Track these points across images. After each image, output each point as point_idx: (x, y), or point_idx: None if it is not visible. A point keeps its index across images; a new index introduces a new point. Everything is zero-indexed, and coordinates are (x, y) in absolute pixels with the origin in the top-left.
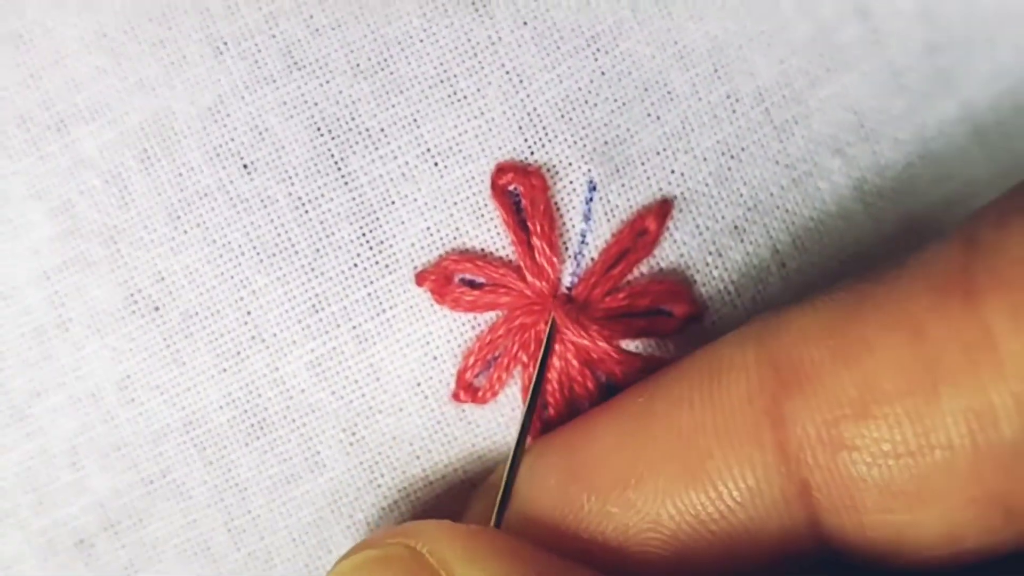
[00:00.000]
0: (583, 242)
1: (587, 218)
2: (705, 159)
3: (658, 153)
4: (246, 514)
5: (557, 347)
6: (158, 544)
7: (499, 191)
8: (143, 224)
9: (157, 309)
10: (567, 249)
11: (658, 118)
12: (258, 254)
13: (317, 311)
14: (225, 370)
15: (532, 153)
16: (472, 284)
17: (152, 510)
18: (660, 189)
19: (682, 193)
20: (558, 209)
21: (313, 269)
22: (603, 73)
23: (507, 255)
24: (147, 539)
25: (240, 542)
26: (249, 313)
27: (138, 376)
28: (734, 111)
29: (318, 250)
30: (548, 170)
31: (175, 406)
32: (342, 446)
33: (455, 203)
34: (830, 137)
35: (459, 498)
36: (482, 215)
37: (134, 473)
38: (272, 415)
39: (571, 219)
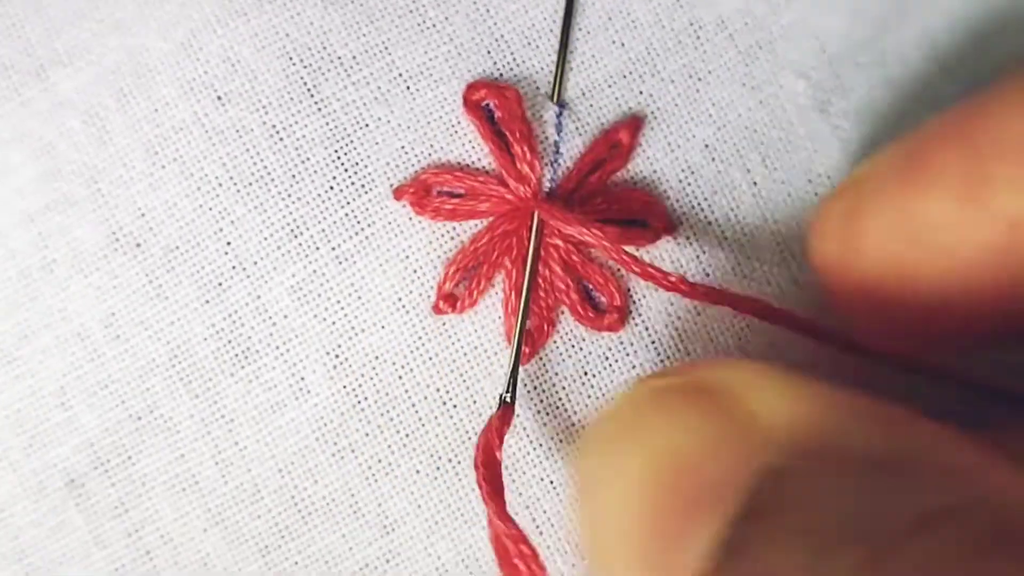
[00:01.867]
0: (557, 152)
1: (559, 129)
2: (672, 81)
3: (624, 76)
4: (233, 446)
5: (540, 252)
6: (148, 480)
7: (472, 106)
8: (122, 162)
9: (139, 245)
10: (543, 158)
11: (623, 44)
12: (235, 184)
13: (296, 236)
14: (208, 301)
15: (501, 75)
16: (451, 195)
17: (141, 446)
18: (629, 108)
19: (652, 112)
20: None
21: (290, 195)
22: None
23: (483, 167)
24: (136, 476)
25: (228, 475)
26: (229, 243)
27: (123, 313)
28: (698, 37)
29: (294, 176)
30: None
31: (160, 340)
32: (326, 369)
33: (428, 122)
34: (794, 62)
35: (441, 419)
36: (455, 132)
37: (122, 410)
38: (256, 343)
39: (543, 132)
